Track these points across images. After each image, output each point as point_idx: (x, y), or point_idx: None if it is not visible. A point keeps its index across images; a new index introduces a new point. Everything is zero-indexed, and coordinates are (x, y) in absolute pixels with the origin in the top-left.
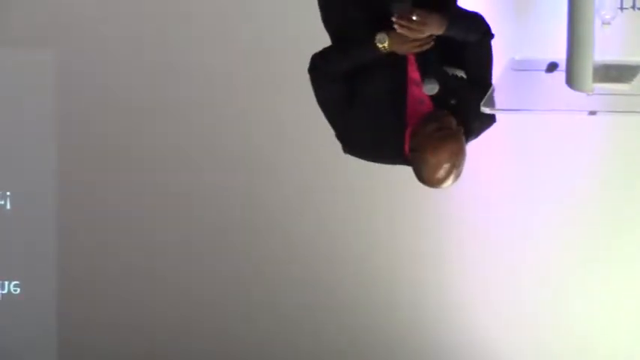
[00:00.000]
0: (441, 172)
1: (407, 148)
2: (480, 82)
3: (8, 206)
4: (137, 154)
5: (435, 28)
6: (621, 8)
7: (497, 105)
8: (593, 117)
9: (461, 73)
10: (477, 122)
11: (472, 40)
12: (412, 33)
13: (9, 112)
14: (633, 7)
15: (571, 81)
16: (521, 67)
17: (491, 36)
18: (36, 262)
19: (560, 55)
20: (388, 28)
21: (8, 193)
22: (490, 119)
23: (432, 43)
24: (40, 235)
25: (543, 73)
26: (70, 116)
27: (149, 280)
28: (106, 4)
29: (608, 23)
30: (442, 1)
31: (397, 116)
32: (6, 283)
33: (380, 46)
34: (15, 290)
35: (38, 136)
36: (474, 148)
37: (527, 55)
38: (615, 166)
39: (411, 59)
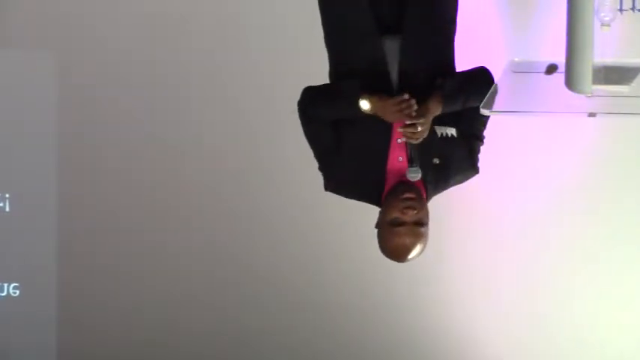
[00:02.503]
0: (396, 257)
1: (383, 199)
2: (471, 136)
3: (7, 208)
4: (138, 155)
5: (433, 115)
6: (620, 10)
7: (497, 107)
8: (592, 118)
9: (451, 132)
10: (459, 176)
11: (473, 106)
12: (419, 135)
13: (8, 113)
14: (632, 8)
15: (570, 83)
16: (520, 69)
17: None
18: (35, 264)
19: (560, 57)
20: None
21: (7, 195)
22: (473, 171)
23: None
24: (39, 237)
25: (543, 74)
26: (69, 118)
27: (149, 283)
28: (106, 5)
29: (608, 25)
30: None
31: (378, 169)
32: (5, 285)
33: (363, 108)
34: (14, 292)
35: (38, 138)
36: None
37: (527, 56)
38: (615, 168)
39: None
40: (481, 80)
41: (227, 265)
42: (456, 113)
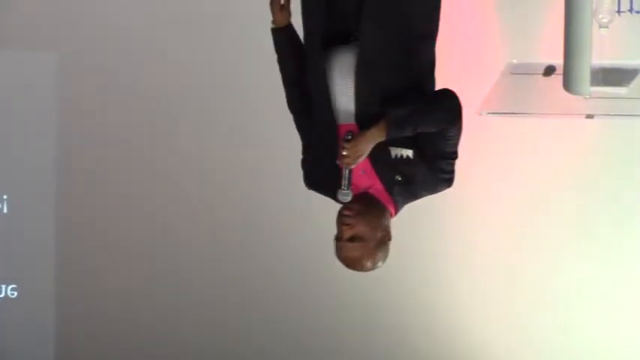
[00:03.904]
0: (349, 268)
1: None
2: (434, 157)
3: (5, 210)
4: (137, 156)
5: (373, 142)
6: (618, 12)
7: (496, 108)
8: (590, 120)
9: (407, 153)
10: (427, 191)
11: (428, 131)
12: (354, 159)
13: (8, 114)
14: (630, 10)
15: (568, 84)
16: (518, 70)
17: (454, 125)
18: (33, 265)
19: (558, 59)
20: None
21: (5, 197)
22: (443, 186)
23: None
24: (37, 238)
25: (541, 76)
26: (68, 119)
27: (148, 284)
28: (106, 5)
29: (606, 27)
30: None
31: (334, 177)
32: (3, 286)
33: (274, 25)
34: (12, 294)
35: (37, 140)
36: (475, 148)
37: (525, 58)
38: (613, 169)
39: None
40: (437, 108)
41: (228, 267)
42: (414, 136)
